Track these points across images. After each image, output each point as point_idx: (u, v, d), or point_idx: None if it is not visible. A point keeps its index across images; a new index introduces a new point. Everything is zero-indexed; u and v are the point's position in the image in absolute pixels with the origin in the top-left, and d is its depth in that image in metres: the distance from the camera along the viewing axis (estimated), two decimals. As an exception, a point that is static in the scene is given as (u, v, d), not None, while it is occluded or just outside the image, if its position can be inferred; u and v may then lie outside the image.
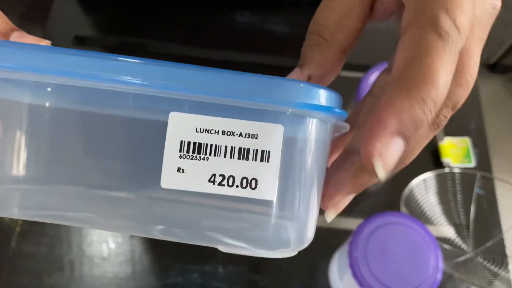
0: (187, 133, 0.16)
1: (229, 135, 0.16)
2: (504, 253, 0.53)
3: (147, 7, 0.64)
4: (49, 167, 0.16)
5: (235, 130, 0.16)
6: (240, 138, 0.16)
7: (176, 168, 0.16)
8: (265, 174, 0.16)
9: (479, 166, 0.59)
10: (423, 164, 0.58)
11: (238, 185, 0.16)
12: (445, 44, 0.15)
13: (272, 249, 0.17)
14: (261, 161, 0.16)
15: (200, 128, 0.16)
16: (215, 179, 0.16)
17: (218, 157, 0.16)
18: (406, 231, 0.41)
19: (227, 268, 0.50)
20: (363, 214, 0.55)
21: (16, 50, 0.15)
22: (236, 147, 0.16)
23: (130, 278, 0.49)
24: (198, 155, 0.16)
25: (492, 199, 0.57)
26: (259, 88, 0.15)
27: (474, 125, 0.63)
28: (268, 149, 0.16)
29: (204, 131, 0.16)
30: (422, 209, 0.54)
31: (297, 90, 0.16)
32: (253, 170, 0.16)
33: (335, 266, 0.46)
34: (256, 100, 0.15)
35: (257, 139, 0.16)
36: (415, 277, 0.39)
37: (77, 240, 0.50)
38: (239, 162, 0.16)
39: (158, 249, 0.50)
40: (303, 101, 0.16)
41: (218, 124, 0.16)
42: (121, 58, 0.15)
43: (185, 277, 0.49)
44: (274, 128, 0.16)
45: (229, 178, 0.16)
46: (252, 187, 0.16)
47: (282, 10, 0.63)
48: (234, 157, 0.16)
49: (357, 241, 0.40)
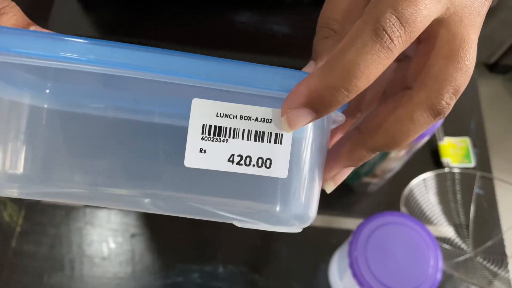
0: (208, 117, 0.17)
1: (246, 119, 0.18)
2: (503, 253, 0.53)
3: (147, 7, 0.64)
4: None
5: (251, 115, 0.18)
6: (256, 122, 0.18)
7: (198, 149, 0.17)
8: (278, 154, 0.18)
9: (479, 166, 0.59)
10: (423, 164, 0.58)
11: (255, 164, 0.18)
12: (377, 41, 0.16)
13: (280, 224, 0.19)
14: (275, 143, 0.18)
15: (220, 113, 0.18)
16: (233, 159, 0.18)
17: (237, 139, 0.18)
18: (406, 231, 0.41)
19: (227, 268, 0.50)
20: (363, 214, 0.55)
21: (29, 38, 0.17)
22: (252, 130, 0.18)
23: (130, 278, 0.49)
24: (219, 137, 0.18)
25: (492, 199, 0.57)
26: (275, 79, 0.18)
27: (474, 125, 0.63)
28: (281, 132, 0.18)
29: (224, 116, 0.18)
30: (422, 209, 0.54)
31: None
32: (267, 151, 0.18)
33: (335, 266, 0.46)
34: (272, 89, 0.18)
35: (271, 123, 0.18)
36: (415, 276, 0.39)
37: (77, 240, 0.50)
38: (255, 143, 0.18)
39: (158, 249, 0.50)
40: None
41: (236, 110, 0.18)
42: (150, 50, 0.17)
43: (185, 277, 0.49)
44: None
45: (246, 158, 0.18)
46: (267, 166, 0.18)
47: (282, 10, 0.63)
48: (251, 139, 0.18)
49: (357, 241, 0.40)
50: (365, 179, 0.53)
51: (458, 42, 0.18)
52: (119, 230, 0.51)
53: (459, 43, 0.18)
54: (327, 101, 0.16)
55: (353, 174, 0.53)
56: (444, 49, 0.18)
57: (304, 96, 0.17)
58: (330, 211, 0.56)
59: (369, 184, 0.54)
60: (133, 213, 0.52)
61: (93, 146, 0.18)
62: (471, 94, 0.65)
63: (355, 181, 0.54)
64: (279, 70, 0.18)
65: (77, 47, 0.17)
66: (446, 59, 0.18)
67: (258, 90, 0.18)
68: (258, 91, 0.18)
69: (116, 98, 0.18)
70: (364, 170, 0.51)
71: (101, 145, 0.18)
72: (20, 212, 0.51)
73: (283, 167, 0.18)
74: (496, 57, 1.41)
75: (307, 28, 0.21)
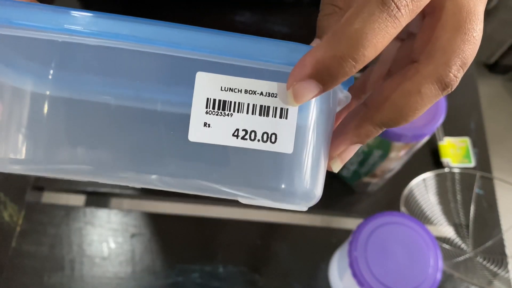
0: (212, 91, 0.17)
1: (251, 93, 0.17)
2: (503, 253, 0.53)
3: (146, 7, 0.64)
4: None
5: (256, 89, 0.17)
6: (261, 97, 0.17)
7: (202, 123, 0.17)
8: (284, 129, 0.17)
9: (479, 166, 0.59)
10: (422, 164, 0.58)
11: (260, 139, 0.17)
12: (384, 9, 0.16)
13: (285, 201, 0.18)
14: (280, 118, 0.17)
15: (224, 87, 0.17)
16: (238, 134, 0.17)
17: (241, 114, 0.17)
18: (406, 231, 0.41)
19: (227, 268, 0.50)
20: (363, 214, 0.55)
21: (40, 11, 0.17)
22: (257, 105, 0.17)
23: (130, 278, 0.49)
24: (223, 111, 0.17)
25: (492, 199, 0.57)
26: (281, 52, 0.17)
27: (474, 125, 0.63)
28: (286, 107, 0.17)
29: (228, 90, 0.17)
30: (422, 209, 0.54)
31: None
32: (273, 126, 0.17)
33: (335, 266, 0.46)
34: (278, 62, 0.17)
35: (276, 98, 0.17)
36: (415, 276, 0.39)
37: (78, 239, 0.50)
38: (260, 118, 0.17)
39: (158, 249, 0.50)
40: None
41: (241, 84, 0.17)
42: (154, 23, 0.17)
43: (185, 277, 0.49)
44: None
45: (251, 132, 0.17)
46: (272, 141, 0.17)
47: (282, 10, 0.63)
48: (256, 113, 0.17)
49: (357, 241, 0.40)
50: (365, 179, 0.53)
51: (464, 14, 0.17)
52: (119, 230, 0.51)
53: (466, 14, 0.17)
54: (334, 71, 0.16)
55: (353, 174, 0.53)
56: (451, 21, 0.18)
57: (311, 67, 0.16)
58: (330, 211, 0.56)
59: (369, 184, 0.54)
60: (133, 213, 0.52)
61: (97, 124, 0.17)
62: (471, 94, 0.65)
63: (355, 181, 0.54)
64: (284, 43, 0.18)
65: (80, 19, 0.17)
66: (453, 31, 0.17)
67: (263, 63, 0.17)
68: (263, 64, 0.17)
69: (120, 75, 0.17)
70: (364, 170, 0.51)
71: (106, 123, 0.17)
72: (20, 212, 0.51)
73: (289, 142, 0.17)
74: (496, 57, 1.41)
75: (307, 28, 0.21)
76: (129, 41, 0.17)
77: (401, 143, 0.44)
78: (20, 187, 0.52)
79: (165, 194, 0.55)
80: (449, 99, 0.51)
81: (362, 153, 0.48)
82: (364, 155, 0.49)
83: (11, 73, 0.17)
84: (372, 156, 0.48)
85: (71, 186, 0.53)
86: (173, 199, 0.55)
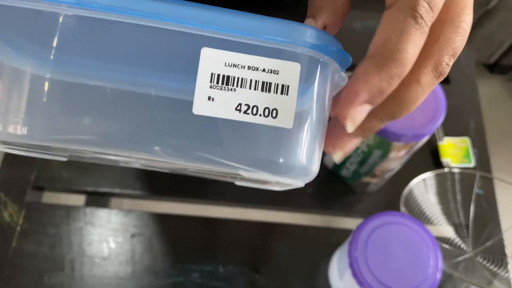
0: (217, 66, 0.18)
1: (253, 70, 0.18)
2: (503, 253, 0.53)
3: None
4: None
5: (259, 66, 0.18)
6: (263, 73, 0.18)
7: (207, 97, 0.18)
8: (284, 105, 0.18)
9: (479, 166, 0.59)
10: (422, 164, 0.58)
11: (261, 114, 0.18)
12: (417, 27, 0.17)
13: (283, 175, 0.19)
14: (281, 94, 0.18)
15: (228, 63, 0.18)
16: (241, 108, 0.18)
17: (244, 89, 0.18)
18: (406, 231, 0.41)
19: (227, 267, 0.50)
20: (363, 214, 0.55)
21: None
22: (259, 81, 0.18)
23: (130, 278, 0.49)
24: (227, 86, 0.18)
25: (492, 199, 0.57)
26: (281, 29, 0.18)
27: (474, 125, 0.63)
28: (287, 83, 0.18)
29: (232, 66, 0.18)
30: (422, 209, 0.55)
31: (314, 34, 0.19)
32: (274, 102, 0.18)
33: (335, 265, 0.46)
34: (278, 40, 0.18)
35: (278, 75, 0.18)
36: (415, 276, 0.39)
37: (78, 239, 0.50)
38: (262, 94, 0.18)
39: (158, 248, 0.50)
40: (319, 43, 0.19)
41: (244, 60, 0.18)
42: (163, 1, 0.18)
43: (185, 277, 0.49)
44: (293, 66, 0.18)
45: (253, 107, 0.18)
46: (273, 116, 0.18)
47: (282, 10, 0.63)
48: (258, 89, 0.18)
49: (357, 240, 0.40)
50: (365, 179, 0.53)
51: (460, 8, 0.19)
52: (119, 230, 0.51)
53: (461, 8, 0.19)
54: (386, 90, 0.18)
55: (353, 174, 0.53)
56: (447, 14, 0.19)
57: (366, 94, 0.18)
58: (330, 211, 0.56)
59: (369, 184, 0.54)
60: (133, 213, 0.52)
61: (102, 97, 0.18)
62: (470, 94, 0.65)
63: (355, 181, 0.54)
64: (285, 22, 0.18)
65: None
66: (447, 23, 0.19)
67: (266, 41, 0.18)
68: (266, 42, 0.18)
69: (126, 50, 0.18)
70: (364, 170, 0.51)
71: (111, 97, 0.18)
72: (20, 212, 0.51)
73: (289, 118, 0.18)
74: (496, 57, 1.41)
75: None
76: (135, 15, 0.17)
77: (401, 143, 0.44)
78: (20, 187, 0.52)
79: (165, 194, 0.55)
80: (449, 99, 0.51)
81: (362, 153, 0.49)
82: (364, 155, 0.49)
83: (13, 45, 0.18)
84: (372, 156, 0.48)
85: (71, 186, 0.54)
86: (173, 199, 0.55)
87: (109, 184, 0.54)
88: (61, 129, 0.18)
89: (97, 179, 0.54)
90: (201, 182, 0.54)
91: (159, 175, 0.54)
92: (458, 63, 0.68)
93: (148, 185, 0.54)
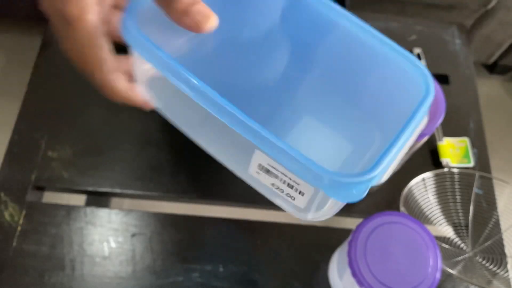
0: (263, 162, 0.28)
1: (285, 176, 0.28)
2: (503, 253, 0.53)
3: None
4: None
5: (288, 175, 0.28)
6: (290, 180, 0.28)
7: (256, 171, 0.29)
8: (300, 198, 0.29)
9: (478, 166, 0.60)
10: (422, 164, 0.58)
11: (285, 195, 0.29)
12: None
13: (295, 216, 0.31)
14: (299, 194, 0.29)
15: (270, 164, 0.28)
16: (273, 186, 0.29)
17: (277, 180, 0.29)
18: (405, 231, 0.41)
19: (227, 267, 0.50)
20: (362, 214, 0.55)
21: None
22: (287, 181, 0.28)
23: (130, 277, 0.49)
24: (267, 174, 0.29)
25: (491, 198, 0.57)
26: (307, 173, 0.25)
27: (473, 125, 0.63)
28: (303, 191, 0.28)
29: (272, 167, 0.28)
30: (421, 209, 0.55)
31: (325, 180, 0.25)
32: (294, 194, 0.29)
33: (334, 265, 0.47)
34: (304, 179, 0.27)
35: (299, 185, 0.28)
36: (414, 276, 0.39)
37: (78, 239, 0.50)
38: (287, 188, 0.29)
39: (158, 248, 0.51)
40: (325, 184, 0.26)
41: (280, 168, 0.28)
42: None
43: (186, 277, 0.49)
44: (309, 187, 0.28)
45: (281, 189, 0.29)
46: (293, 199, 0.29)
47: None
48: (285, 184, 0.29)
49: (357, 240, 0.40)
50: (364, 179, 0.53)
51: None
52: (119, 230, 0.51)
53: None
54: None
55: (353, 174, 0.53)
56: None
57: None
58: (330, 211, 0.56)
59: (369, 184, 0.54)
60: (134, 212, 0.52)
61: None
62: (470, 95, 0.66)
63: (355, 181, 0.54)
64: (313, 168, 0.25)
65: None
66: None
67: (295, 176, 0.28)
68: (295, 176, 0.28)
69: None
70: (363, 170, 0.51)
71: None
72: (21, 212, 0.51)
73: (302, 204, 0.29)
74: (495, 57, 1.41)
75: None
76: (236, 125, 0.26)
77: (400, 143, 0.44)
78: (21, 187, 0.52)
79: (165, 194, 0.55)
80: (449, 99, 0.51)
81: (362, 153, 0.49)
82: (364, 155, 0.49)
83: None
84: (372, 156, 0.48)
85: (72, 186, 0.54)
86: (173, 199, 0.55)
87: (109, 184, 0.54)
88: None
89: (97, 179, 0.54)
90: (201, 182, 0.55)
91: (159, 175, 0.54)
92: (458, 63, 0.68)
93: (148, 185, 0.54)
